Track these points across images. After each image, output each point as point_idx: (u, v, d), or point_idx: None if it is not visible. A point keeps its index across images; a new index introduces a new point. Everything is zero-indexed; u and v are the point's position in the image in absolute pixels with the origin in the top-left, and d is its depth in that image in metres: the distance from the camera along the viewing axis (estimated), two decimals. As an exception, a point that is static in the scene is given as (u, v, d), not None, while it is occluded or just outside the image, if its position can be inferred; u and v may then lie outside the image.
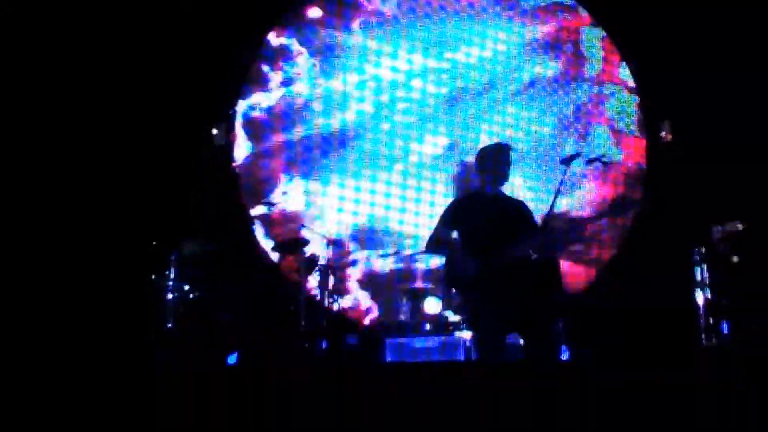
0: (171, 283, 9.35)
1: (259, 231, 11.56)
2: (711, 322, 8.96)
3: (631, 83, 12.75)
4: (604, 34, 12.76)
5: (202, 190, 10.86)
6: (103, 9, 10.58)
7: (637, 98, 12.71)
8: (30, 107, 10.19)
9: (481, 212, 6.81)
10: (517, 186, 11.49)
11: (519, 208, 7.02)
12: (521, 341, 6.70)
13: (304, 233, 10.78)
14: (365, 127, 12.07)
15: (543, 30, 12.70)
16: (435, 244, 7.01)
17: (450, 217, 6.94)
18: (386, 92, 12.17)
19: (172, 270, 9.43)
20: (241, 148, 11.80)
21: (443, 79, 12.36)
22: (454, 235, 6.91)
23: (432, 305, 10.05)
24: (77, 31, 10.46)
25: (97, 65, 10.63)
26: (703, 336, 8.99)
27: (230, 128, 11.70)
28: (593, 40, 12.85)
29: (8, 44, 10.04)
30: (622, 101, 12.71)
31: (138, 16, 10.82)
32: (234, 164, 11.71)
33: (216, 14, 11.33)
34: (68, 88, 10.45)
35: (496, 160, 6.93)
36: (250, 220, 11.58)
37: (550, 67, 12.68)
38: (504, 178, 6.94)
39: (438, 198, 11.90)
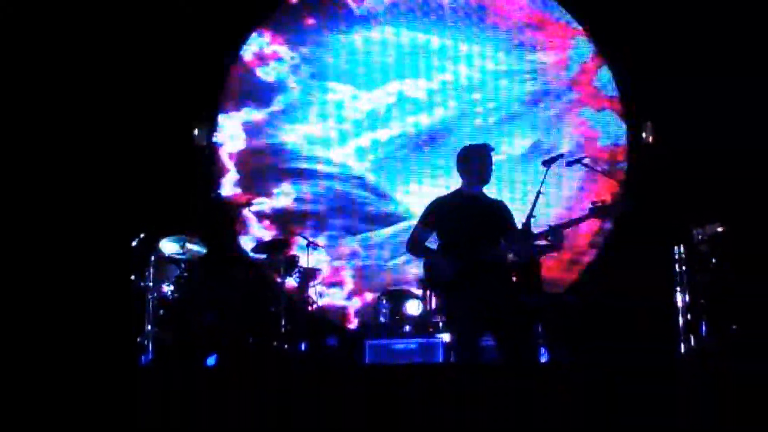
0: (151, 283, 9.32)
1: (240, 232, 11.56)
2: (690, 323, 8.97)
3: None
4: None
5: (183, 191, 10.84)
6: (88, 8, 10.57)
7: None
8: (9, 106, 10.17)
9: (461, 213, 6.78)
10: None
11: (500, 209, 6.99)
12: (497, 343, 6.68)
13: (285, 234, 10.77)
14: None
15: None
16: (414, 245, 6.99)
17: (429, 218, 6.92)
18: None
19: (152, 270, 9.40)
20: (227, 149, 11.82)
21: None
22: (434, 235, 6.90)
23: (413, 307, 10.03)
24: (59, 28, 10.45)
25: (78, 64, 10.61)
26: (682, 337, 9.00)
27: (212, 129, 11.69)
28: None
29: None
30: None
31: (122, 15, 10.80)
32: (216, 165, 11.70)
33: (200, 15, 11.32)
34: (46, 85, 10.43)
35: (478, 160, 6.91)
36: (232, 221, 11.56)
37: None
38: (486, 178, 6.90)
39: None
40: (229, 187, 11.80)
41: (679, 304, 9.07)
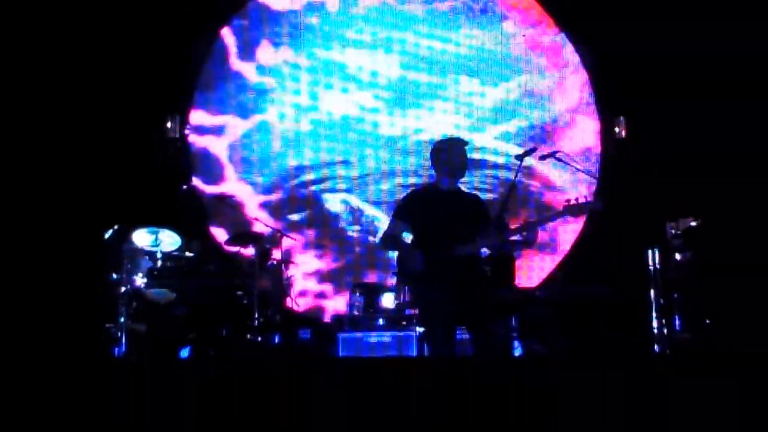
0: (123, 275, 9.28)
1: (212, 223, 11.54)
2: (663, 317, 9.01)
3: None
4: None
5: (157, 182, 10.82)
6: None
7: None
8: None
9: (434, 206, 6.77)
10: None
11: (475, 203, 6.99)
12: (471, 336, 6.68)
13: (258, 226, 10.76)
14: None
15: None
16: (387, 239, 6.98)
17: (403, 211, 6.90)
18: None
19: (125, 262, 9.37)
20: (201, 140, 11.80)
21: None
22: (406, 228, 6.89)
23: (389, 300, 10.03)
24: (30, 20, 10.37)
25: (50, 55, 10.53)
26: (656, 331, 9.04)
27: (184, 121, 11.65)
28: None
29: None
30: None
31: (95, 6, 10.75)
32: (187, 156, 11.67)
33: (173, 6, 11.28)
34: (15, 76, 10.36)
35: (450, 154, 6.89)
36: (205, 213, 11.54)
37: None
38: (460, 172, 6.90)
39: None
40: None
41: (653, 298, 9.11)
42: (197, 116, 11.89)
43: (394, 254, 7.16)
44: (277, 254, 10.47)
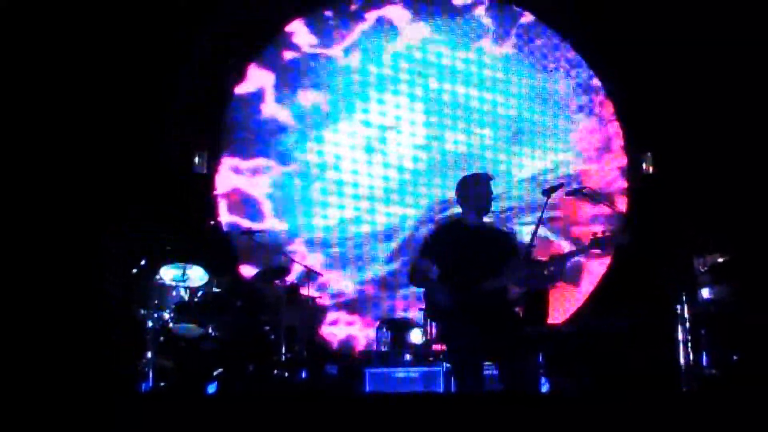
0: (152, 311, 9.31)
1: (240, 258, 11.55)
2: (690, 353, 8.95)
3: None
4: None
5: (184, 218, 10.86)
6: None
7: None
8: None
9: (461, 242, 6.78)
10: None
11: (502, 238, 6.99)
12: (498, 372, 6.67)
13: (286, 261, 10.77)
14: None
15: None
16: (415, 275, 6.97)
17: (429, 248, 6.91)
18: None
19: (152, 298, 9.40)
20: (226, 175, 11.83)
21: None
22: (433, 265, 6.88)
23: (417, 335, 10.02)
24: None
25: (79, 86, 10.60)
26: (683, 367, 8.98)
27: (213, 156, 11.69)
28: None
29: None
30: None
31: (125, 41, 10.83)
32: (215, 192, 11.70)
33: (207, 40, 11.38)
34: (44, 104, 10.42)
35: (476, 190, 6.90)
36: (231, 248, 11.56)
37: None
38: (486, 208, 6.90)
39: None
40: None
41: (680, 334, 9.05)
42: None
43: (421, 290, 7.16)
44: (304, 290, 10.49)
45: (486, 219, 7.01)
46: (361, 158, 12.10)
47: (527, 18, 12.44)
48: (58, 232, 10.12)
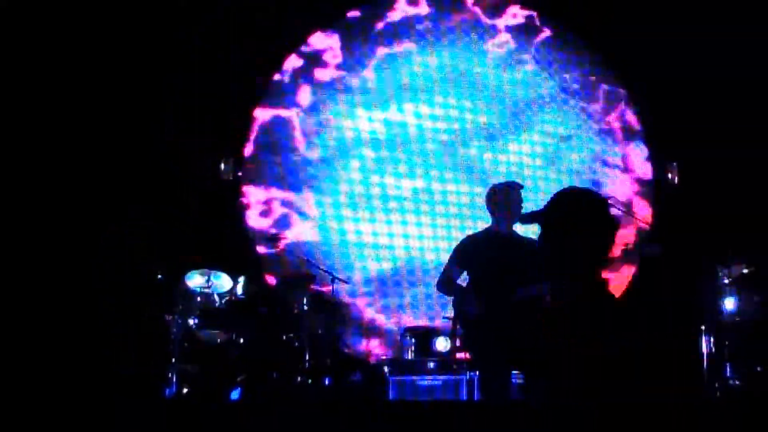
0: (176, 316, 9.35)
1: (265, 265, 11.56)
2: (714, 364, 8.92)
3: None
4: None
5: (209, 224, 10.90)
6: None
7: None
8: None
9: (492, 251, 6.80)
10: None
11: (530, 247, 6.99)
12: (525, 382, 6.67)
13: (311, 269, 10.78)
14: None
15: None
16: (445, 283, 6.99)
17: (460, 256, 6.93)
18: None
19: (178, 304, 9.44)
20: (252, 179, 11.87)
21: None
22: (464, 273, 6.90)
23: (442, 343, 10.03)
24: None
25: (106, 99, 10.66)
26: (707, 378, 8.95)
27: (238, 163, 11.71)
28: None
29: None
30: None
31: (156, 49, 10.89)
32: (241, 198, 11.73)
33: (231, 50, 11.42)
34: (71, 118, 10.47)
35: (506, 199, 6.92)
36: (257, 255, 11.58)
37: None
38: (514, 217, 6.92)
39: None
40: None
41: (704, 346, 9.02)
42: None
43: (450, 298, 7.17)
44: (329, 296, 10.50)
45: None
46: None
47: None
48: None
